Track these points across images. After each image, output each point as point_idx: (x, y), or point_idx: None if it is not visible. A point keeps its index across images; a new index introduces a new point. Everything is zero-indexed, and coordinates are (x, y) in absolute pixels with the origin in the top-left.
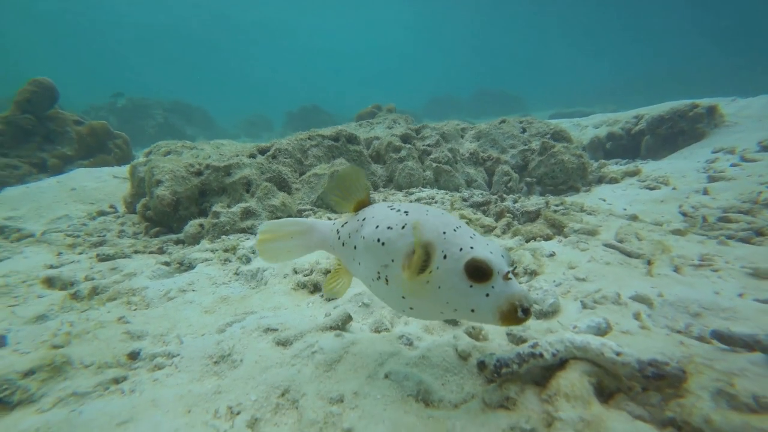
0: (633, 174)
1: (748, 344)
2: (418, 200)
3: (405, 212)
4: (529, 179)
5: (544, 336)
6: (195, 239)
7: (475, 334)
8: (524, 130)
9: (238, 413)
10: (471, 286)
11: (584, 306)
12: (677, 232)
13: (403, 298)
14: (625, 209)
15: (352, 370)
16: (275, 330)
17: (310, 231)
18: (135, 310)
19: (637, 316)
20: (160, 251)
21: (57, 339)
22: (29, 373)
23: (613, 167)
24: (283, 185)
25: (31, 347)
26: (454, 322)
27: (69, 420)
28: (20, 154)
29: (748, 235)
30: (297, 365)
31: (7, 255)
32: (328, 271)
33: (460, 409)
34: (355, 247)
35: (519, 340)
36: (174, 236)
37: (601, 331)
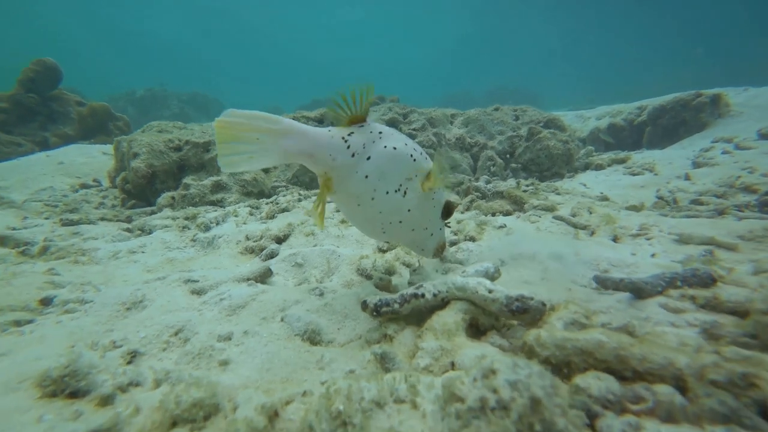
0: (621, 162)
1: (615, 286)
2: None
3: (414, 146)
4: (514, 165)
5: None
6: (168, 210)
7: (383, 286)
8: (517, 118)
9: (120, 347)
10: (440, 218)
11: (502, 263)
12: (632, 208)
13: (408, 210)
14: (601, 192)
15: (253, 314)
16: (195, 281)
17: (291, 133)
18: (81, 266)
19: (545, 270)
20: (128, 220)
21: None
22: None
23: (604, 155)
24: None
25: None
26: (365, 277)
27: None
28: (24, 132)
29: (711, 215)
30: (202, 310)
31: None
32: (278, 237)
33: (344, 347)
34: (369, 158)
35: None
36: (148, 208)
37: (489, 275)
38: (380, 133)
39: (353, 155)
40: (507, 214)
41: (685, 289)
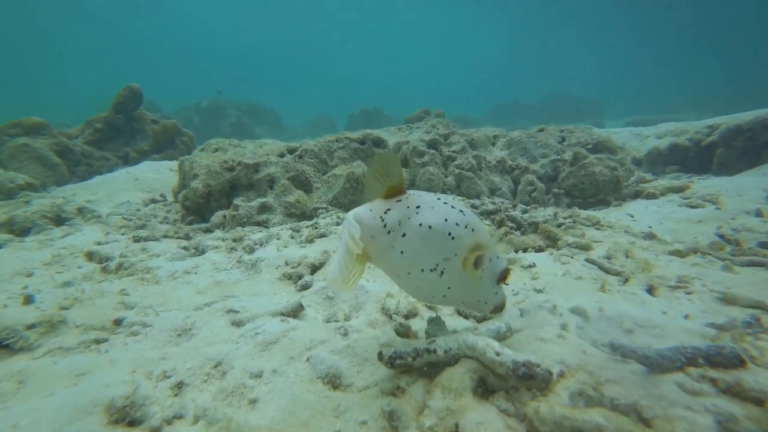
0: (678, 190)
1: (628, 355)
2: None
3: (461, 211)
4: (556, 190)
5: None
6: (219, 228)
7: (402, 332)
8: (563, 140)
9: (169, 377)
10: (493, 286)
11: (522, 313)
12: (675, 253)
13: (449, 288)
14: (650, 227)
15: (282, 352)
16: (236, 312)
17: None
18: (145, 285)
19: (564, 326)
20: (186, 237)
21: (66, 302)
22: (32, 326)
23: (661, 182)
24: (305, 184)
25: (48, 306)
26: (388, 317)
27: (46, 367)
28: (111, 148)
29: None
30: (239, 343)
31: (72, 231)
32: (314, 265)
33: (359, 393)
34: (404, 235)
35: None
36: (204, 225)
37: (500, 335)
38: (417, 207)
39: (389, 233)
40: (539, 250)
41: (706, 369)
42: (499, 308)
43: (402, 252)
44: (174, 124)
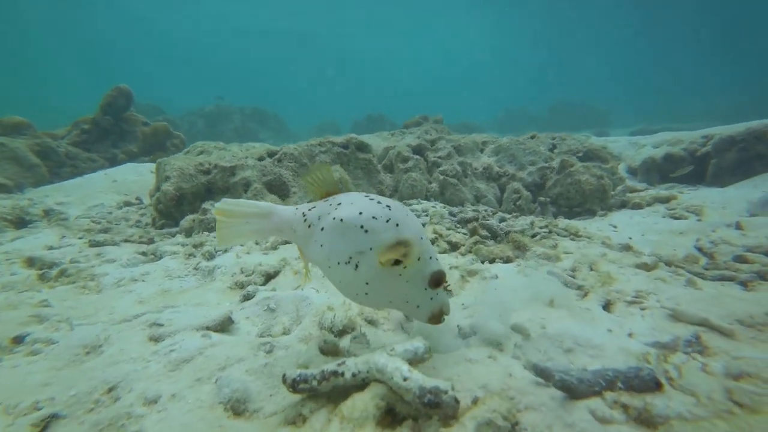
0: (665, 200)
1: (549, 379)
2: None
3: (387, 206)
4: (542, 199)
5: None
6: (188, 233)
7: (328, 350)
8: (554, 147)
9: (40, 409)
10: (426, 289)
11: (459, 331)
12: (642, 266)
13: (367, 284)
14: (630, 238)
15: (193, 372)
16: (161, 325)
17: (269, 215)
18: (83, 294)
19: (499, 346)
20: (151, 242)
21: None
22: None
23: (651, 191)
24: (282, 188)
25: None
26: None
27: None
28: (99, 149)
29: (750, 278)
30: (150, 361)
31: (25, 235)
32: (268, 274)
33: (262, 421)
34: (322, 229)
35: None
36: (174, 229)
37: (418, 356)
38: (339, 204)
39: (309, 226)
40: (508, 260)
41: (620, 394)
42: (436, 316)
43: (321, 245)
44: (165, 126)
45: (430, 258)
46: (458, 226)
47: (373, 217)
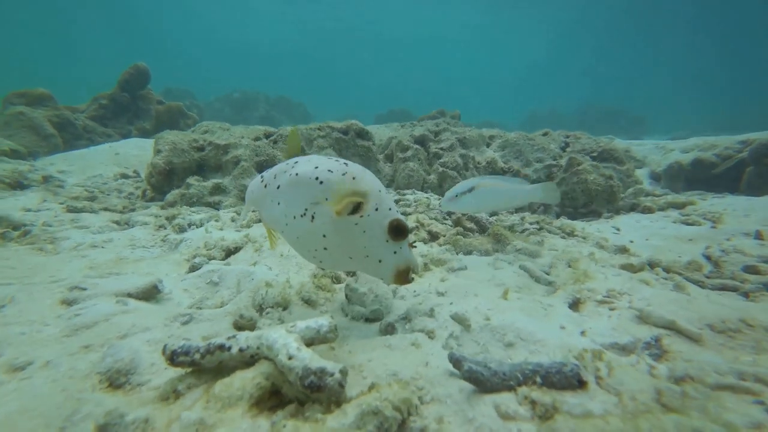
0: (680, 206)
1: (459, 368)
2: (397, 201)
3: (345, 163)
4: None
5: None
6: (172, 206)
7: (242, 325)
8: (566, 145)
9: None
10: (387, 241)
11: (405, 317)
12: (628, 267)
13: (324, 236)
14: (631, 242)
15: (87, 338)
16: (84, 290)
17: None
18: (34, 255)
19: (429, 333)
20: (129, 210)
21: None
22: None
23: (668, 197)
24: None
25: None
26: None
27: None
28: (115, 125)
29: (755, 288)
30: (50, 325)
31: (7, 196)
32: (229, 249)
33: (134, 396)
34: (278, 187)
35: None
36: (160, 203)
37: (320, 335)
38: (296, 162)
39: (265, 186)
40: (486, 253)
41: (534, 389)
42: (402, 273)
43: (279, 203)
44: (179, 105)
45: (390, 209)
46: (447, 217)
47: (329, 170)
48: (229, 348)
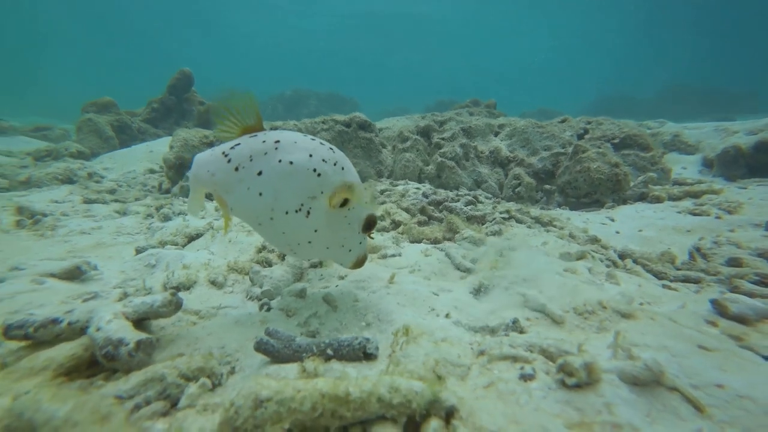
0: (697, 195)
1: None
2: (384, 191)
3: (331, 149)
4: (548, 187)
5: None
6: (179, 197)
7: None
8: (585, 132)
9: None
10: (359, 233)
11: (282, 297)
12: (565, 255)
13: (315, 231)
14: (617, 232)
15: None
16: (21, 270)
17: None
18: (30, 240)
19: (288, 312)
20: (135, 201)
21: None
22: None
23: (684, 187)
24: None
25: None
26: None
27: None
28: (164, 126)
29: (715, 281)
30: None
31: (43, 189)
32: (190, 236)
33: None
34: (260, 173)
35: None
36: (170, 195)
37: (153, 308)
38: (277, 142)
39: (236, 169)
40: (436, 242)
41: (317, 361)
42: (361, 260)
43: (261, 194)
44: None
45: (366, 203)
46: (433, 209)
47: (323, 160)
48: (61, 322)
